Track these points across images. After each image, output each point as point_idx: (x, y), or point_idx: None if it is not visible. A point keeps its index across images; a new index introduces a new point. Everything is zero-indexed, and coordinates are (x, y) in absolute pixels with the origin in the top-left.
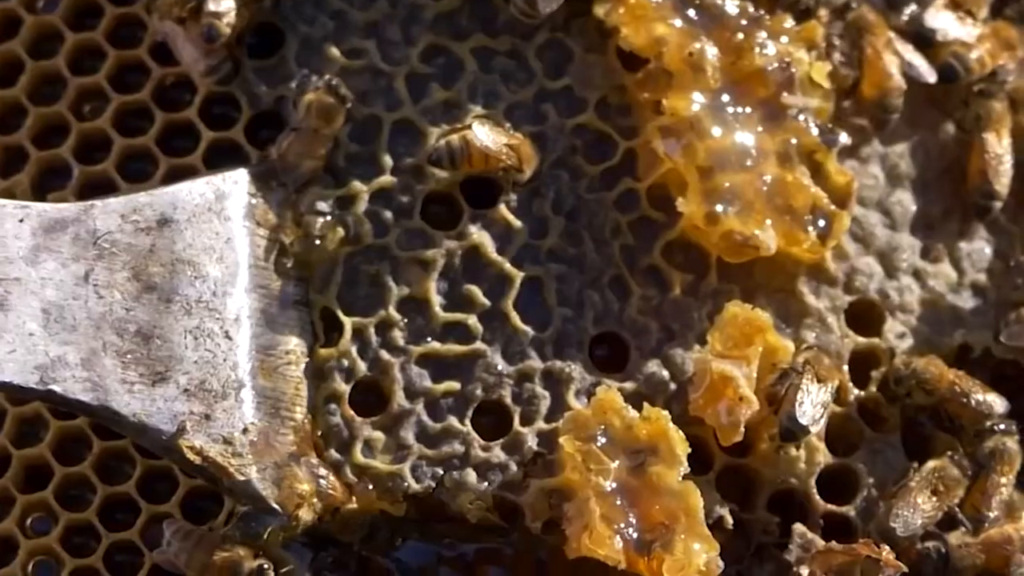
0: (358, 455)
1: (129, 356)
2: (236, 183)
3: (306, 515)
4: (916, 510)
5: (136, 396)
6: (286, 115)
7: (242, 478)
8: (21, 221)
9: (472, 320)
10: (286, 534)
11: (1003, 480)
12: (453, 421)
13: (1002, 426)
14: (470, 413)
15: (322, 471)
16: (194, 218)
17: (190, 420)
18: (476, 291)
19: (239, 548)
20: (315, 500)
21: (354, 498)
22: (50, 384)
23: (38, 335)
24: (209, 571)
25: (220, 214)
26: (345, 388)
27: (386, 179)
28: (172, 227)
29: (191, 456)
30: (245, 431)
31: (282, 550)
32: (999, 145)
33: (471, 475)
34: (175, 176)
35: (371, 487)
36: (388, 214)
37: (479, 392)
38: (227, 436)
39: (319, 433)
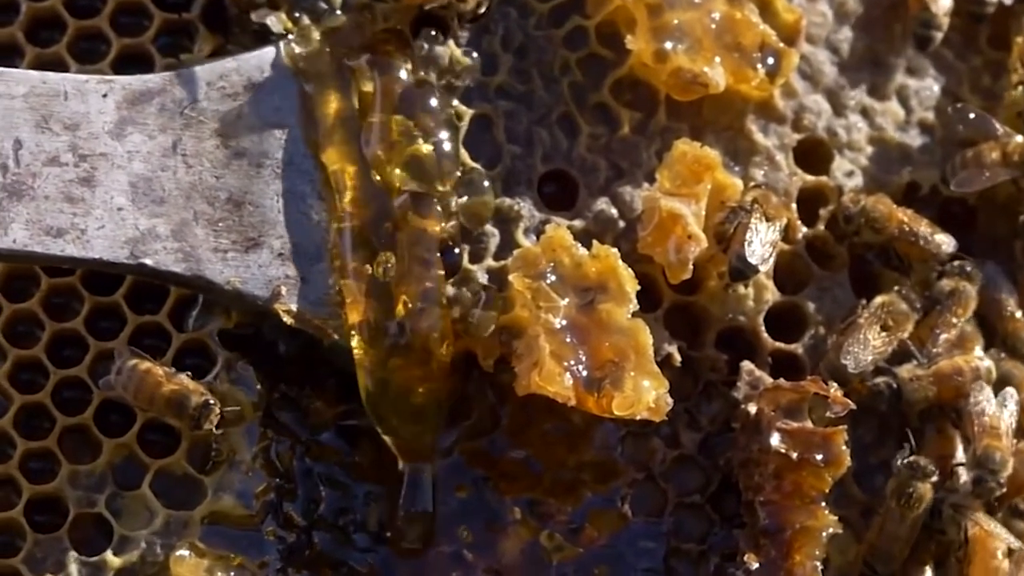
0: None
1: (221, 224)
2: None
3: None
4: (867, 346)
5: (229, 263)
6: None
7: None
8: (105, 96)
9: None
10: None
11: (955, 320)
12: None
13: (968, 268)
14: None
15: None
16: (280, 80)
17: (285, 284)
18: None
19: (187, 381)
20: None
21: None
22: (141, 258)
23: (127, 209)
24: (155, 403)
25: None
26: None
27: (337, 18)
28: (259, 91)
29: (288, 320)
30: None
31: (232, 386)
32: None
33: None
34: (124, 11)
35: None
36: None
37: None
38: (323, 297)
39: None
